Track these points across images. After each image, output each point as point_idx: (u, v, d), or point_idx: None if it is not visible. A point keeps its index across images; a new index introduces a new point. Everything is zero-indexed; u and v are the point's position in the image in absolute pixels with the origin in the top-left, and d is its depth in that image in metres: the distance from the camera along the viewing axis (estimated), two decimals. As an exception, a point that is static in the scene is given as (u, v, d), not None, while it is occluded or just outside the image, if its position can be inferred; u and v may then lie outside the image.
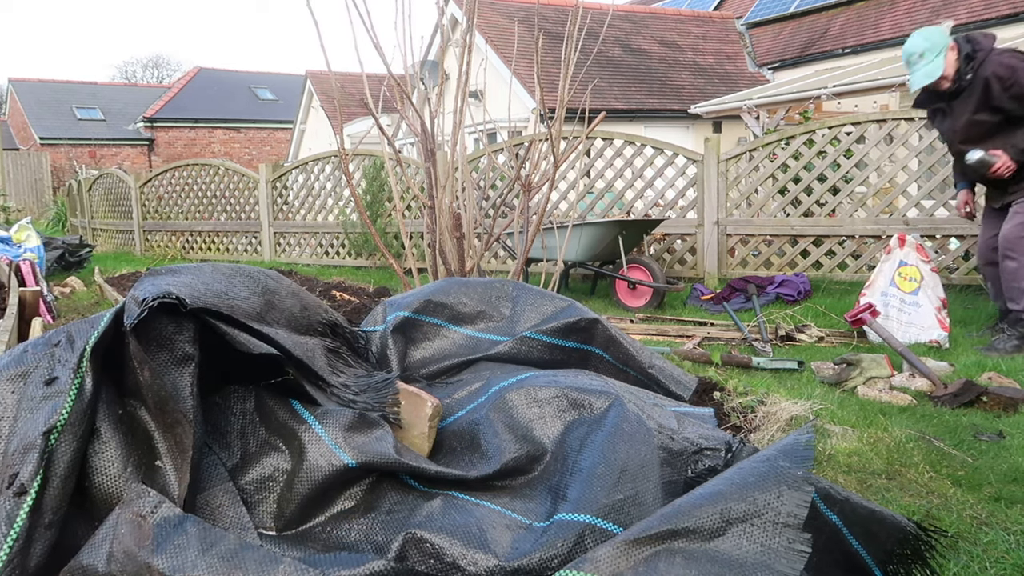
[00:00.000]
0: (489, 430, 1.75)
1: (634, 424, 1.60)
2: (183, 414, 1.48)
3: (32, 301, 4.12)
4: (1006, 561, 1.68)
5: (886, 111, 7.92)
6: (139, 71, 46.51)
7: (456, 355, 2.15)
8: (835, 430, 2.47)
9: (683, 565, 1.14)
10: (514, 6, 14.21)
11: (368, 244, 8.07)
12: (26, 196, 20.37)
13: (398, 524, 1.51)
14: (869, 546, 1.37)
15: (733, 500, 1.20)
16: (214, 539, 1.29)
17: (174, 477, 1.48)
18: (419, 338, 2.19)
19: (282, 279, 1.94)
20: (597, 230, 5.43)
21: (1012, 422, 2.65)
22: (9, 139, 27.27)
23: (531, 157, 3.63)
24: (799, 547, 1.14)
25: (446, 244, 3.38)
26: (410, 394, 1.81)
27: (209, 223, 9.79)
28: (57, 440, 1.39)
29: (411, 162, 7.42)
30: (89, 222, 12.26)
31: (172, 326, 1.54)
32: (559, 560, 1.33)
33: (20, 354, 1.59)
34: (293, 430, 1.62)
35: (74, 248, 8.24)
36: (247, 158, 27.62)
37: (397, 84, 3.27)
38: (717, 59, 15.19)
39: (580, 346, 2.20)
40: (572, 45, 3.29)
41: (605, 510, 1.41)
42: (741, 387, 2.87)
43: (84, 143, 26.60)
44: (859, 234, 5.98)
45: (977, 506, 1.95)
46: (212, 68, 30.24)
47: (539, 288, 2.32)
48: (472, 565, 1.36)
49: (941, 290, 4.12)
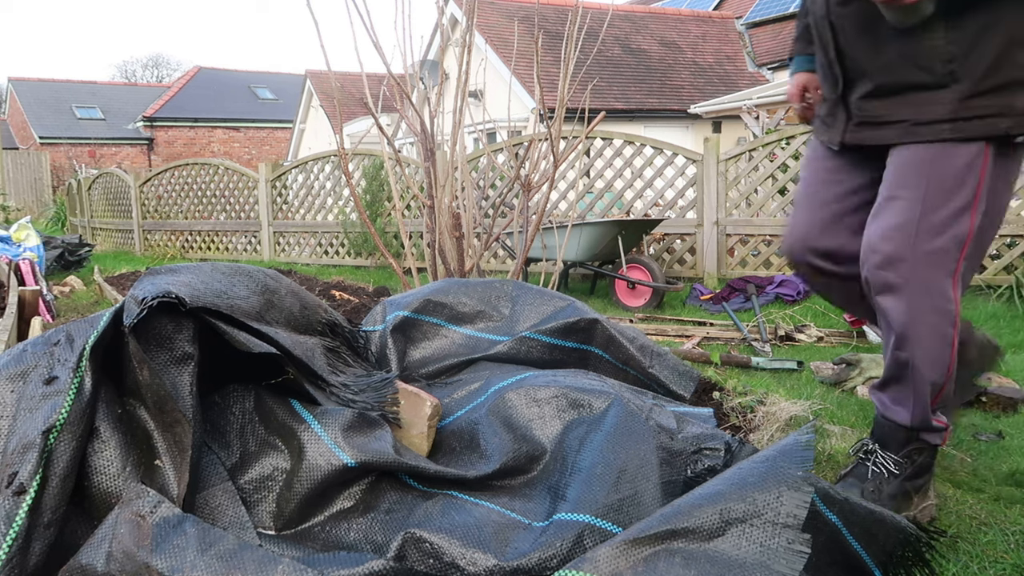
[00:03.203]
0: (488, 430, 1.75)
1: (633, 424, 1.60)
2: (182, 413, 1.48)
3: (31, 300, 4.12)
4: (1005, 561, 1.68)
5: (886, 111, 7.89)
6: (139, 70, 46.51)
7: (456, 355, 2.15)
8: (835, 430, 2.47)
9: (682, 565, 1.14)
10: (514, 6, 14.20)
11: (367, 244, 8.07)
12: (26, 195, 20.36)
13: (397, 523, 1.51)
14: (869, 546, 1.37)
15: (733, 500, 1.20)
16: (213, 539, 1.28)
17: (173, 476, 1.48)
18: (418, 338, 2.19)
19: (282, 278, 1.94)
20: (596, 230, 5.43)
21: (1011, 422, 2.65)
22: (9, 138, 27.26)
23: (531, 157, 3.63)
24: (798, 547, 1.14)
25: (445, 244, 3.37)
26: (409, 394, 1.81)
27: (208, 222, 9.79)
28: (56, 439, 1.39)
29: (411, 162, 7.41)
30: (89, 221, 12.26)
31: (171, 325, 1.54)
32: (558, 560, 1.33)
33: (19, 353, 1.59)
34: (292, 429, 1.62)
35: (73, 247, 8.23)
36: (247, 157, 27.62)
37: (397, 84, 3.27)
38: (717, 59, 15.19)
39: (580, 346, 2.20)
40: (572, 45, 3.29)
41: (604, 510, 1.41)
42: (740, 387, 2.87)
43: (84, 142, 26.61)
44: (859, 234, 5.98)
45: (976, 506, 1.95)
46: (212, 68, 30.25)
47: (539, 287, 2.32)
48: (471, 565, 1.36)
49: (940, 290, 4.12)
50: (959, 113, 1.73)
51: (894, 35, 1.77)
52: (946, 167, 1.75)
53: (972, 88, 1.72)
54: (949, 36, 1.71)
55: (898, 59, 1.78)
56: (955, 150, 1.75)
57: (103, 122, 27.48)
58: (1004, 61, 1.71)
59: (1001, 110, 1.72)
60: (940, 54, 1.72)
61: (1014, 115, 1.72)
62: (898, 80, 1.79)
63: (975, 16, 1.70)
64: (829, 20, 1.90)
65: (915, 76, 1.76)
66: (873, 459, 1.88)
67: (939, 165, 1.76)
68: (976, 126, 1.73)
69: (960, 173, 1.75)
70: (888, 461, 1.86)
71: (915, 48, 1.75)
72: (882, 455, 1.87)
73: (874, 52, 1.82)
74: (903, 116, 1.80)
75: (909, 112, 1.79)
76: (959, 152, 1.75)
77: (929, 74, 1.74)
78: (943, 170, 1.75)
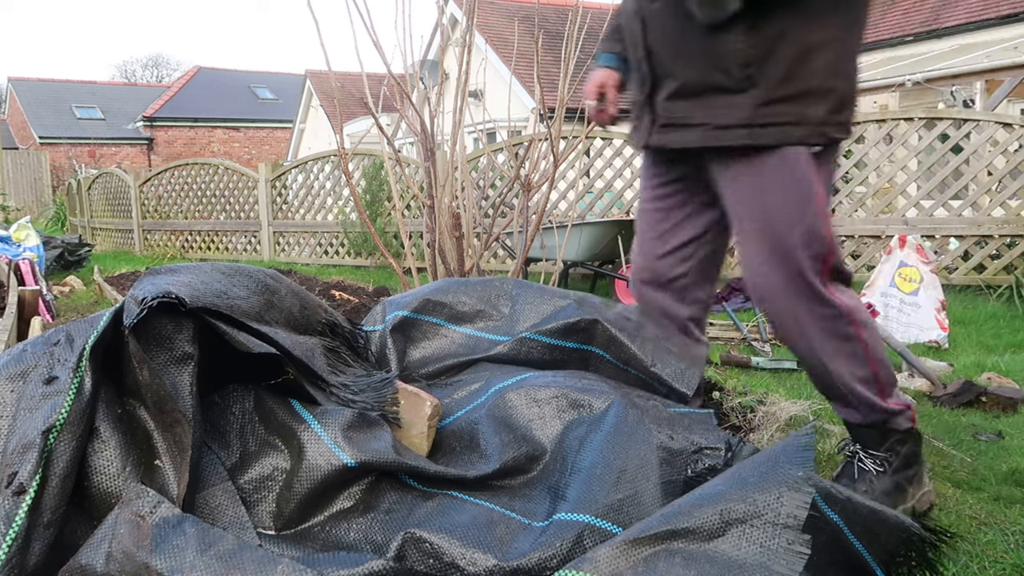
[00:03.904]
0: (488, 430, 1.75)
1: (633, 424, 1.60)
2: (182, 413, 1.47)
3: (31, 300, 4.12)
4: (1005, 561, 1.68)
5: (885, 111, 7.91)
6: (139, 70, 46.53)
7: (455, 354, 2.15)
8: (835, 430, 2.47)
9: (682, 565, 1.14)
10: (514, 6, 14.20)
11: (367, 243, 8.07)
12: (25, 195, 20.35)
13: (397, 523, 1.51)
14: (871, 546, 1.37)
15: (733, 501, 1.20)
16: (212, 539, 1.28)
17: (173, 476, 1.48)
18: (418, 337, 2.19)
19: (282, 278, 1.94)
20: (596, 230, 5.43)
21: (1011, 422, 2.65)
22: (9, 138, 27.26)
23: (531, 157, 3.63)
24: (798, 548, 1.14)
25: (445, 244, 3.37)
26: (409, 393, 1.81)
27: (208, 222, 9.79)
28: (56, 439, 1.38)
29: (410, 161, 7.41)
30: (88, 221, 12.25)
31: (171, 325, 1.54)
32: (558, 560, 1.33)
33: (19, 353, 1.59)
34: (292, 429, 1.62)
35: (73, 247, 8.23)
36: (246, 157, 27.62)
37: (397, 83, 3.27)
38: (717, 59, 15.17)
39: (580, 346, 2.19)
40: (572, 45, 3.29)
41: (604, 510, 1.41)
42: (740, 387, 2.87)
43: (83, 142, 26.60)
44: (858, 234, 5.98)
45: (976, 506, 1.95)
46: (212, 67, 30.25)
47: (539, 285, 2.32)
48: (471, 565, 1.36)
49: (940, 291, 4.13)
50: (755, 119, 1.71)
51: (699, 34, 1.73)
52: (784, 184, 1.73)
53: (768, 95, 1.69)
54: (748, 39, 1.68)
55: (701, 59, 1.74)
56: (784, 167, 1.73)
57: (103, 122, 27.47)
58: (799, 69, 1.68)
59: (796, 118, 1.70)
60: (738, 57, 1.69)
61: (808, 124, 1.70)
62: (700, 81, 1.76)
63: (773, 21, 1.67)
64: (640, 16, 1.85)
65: (715, 78, 1.73)
66: (858, 459, 1.88)
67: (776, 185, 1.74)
68: (772, 133, 1.71)
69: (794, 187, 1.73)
70: (873, 459, 1.86)
71: (716, 48, 1.71)
72: (864, 454, 1.87)
73: (679, 51, 1.78)
74: (703, 119, 1.77)
75: (709, 115, 1.76)
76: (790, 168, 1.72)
77: (728, 77, 1.71)
78: (782, 189, 1.73)
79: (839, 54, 1.71)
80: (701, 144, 1.79)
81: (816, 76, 1.69)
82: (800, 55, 1.68)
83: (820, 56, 1.69)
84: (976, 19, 10.77)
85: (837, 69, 1.71)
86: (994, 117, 5.71)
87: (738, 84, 1.71)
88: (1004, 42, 9.87)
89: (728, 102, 1.72)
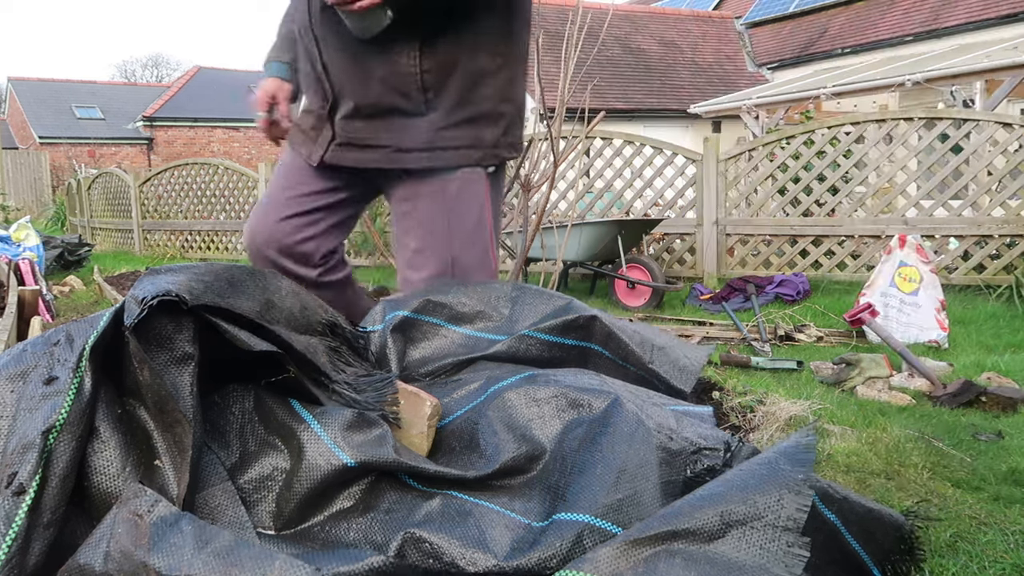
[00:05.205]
0: (488, 429, 1.75)
1: (633, 424, 1.60)
2: (182, 414, 1.47)
3: (31, 300, 4.12)
4: (1005, 561, 1.68)
5: (885, 111, 7.92)
6: (138, 70, 46.57)
7: (455, 354, 2.15)
8: (834, 430, 2.47)
9: (682, 566, 1.14)
10: (514, 5, 14.19)
11: (367, 243, 8.07)
12: (25, 195, 20.35)
13: (397, 523, 1.51)
14: (867, 545, 1.37)
15: (733, 502, 1.20)
16: (209, 536, 1.28)
17: (173, 477, 1.48)
18: (418, 338, 2.19)
19: (282, 278, 1.94)
20: (596, 230, 5.43)
21: (1011, 422, 2.65)
22: (8, 138, 27.26)
23: (530, 156, 3.63)
24: (798, 551, 1.14)
25: (445, 243, 3.37)
26: (409, 393, 1.81)
27: (208, 222, 9.79)
28: (56, 439, 1.38)
29: (410, 161, 7.41)
30: (88, 221, 12.25)
31: (172, 325, 1.54)
32: (558, 560, 1.33)
33: (19, 353, 1.59)
34: (292, 429, 1.62)
35: (73, 247, 8.23)
36: (246, 157, 27.60)
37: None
38: (716, 59, 15.19)
39: (579, 343, 2.19)
40: (572, 45, 3.29)
41: (604, 510, 1.41)
42: (740, 387, 2.87)
43: (83, 142, 26.59)
44: (858, 234, 5.98)
45: (976, 506, 1.95)
46: (212, 67, 30.25)
47: (538, 287, 2.32)
48: (471, 565, 1.36)
49: (940, 291, 4.13)
50: (435, 143, 1.77)
51: (373, 54, 1.73)
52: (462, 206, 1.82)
53: (445, 119, 1.75)
54: (421, 64, 1.72)
55: (378, 81, 1.76)
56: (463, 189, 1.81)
57: (103, 122, 27.46)
58: (471, 95, 1.75)
59: (472, 142, 1.78)
60: (414, 81, 1.73)
61: (483, 147, 1.79)
62: (379, 103, 1.78)
63: (445, 47, 1.71)
64: (312, 32, 1.81)
65: (395, 100, 1.76)
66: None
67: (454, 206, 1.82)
68: (452, 155, 1.78)
69: (472, 208, 1.82)
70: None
71: (393, 71, 1.73)
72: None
73: (355, 70, 1.78)
74: (386, 141, 1.80)
75: (391, 138, 1.79)
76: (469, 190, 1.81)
77: (408, 100, 1.75)
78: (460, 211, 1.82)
79: (507, 81, 1.79)
80: (383, 165, 1.82)
81: (488, 101, 1.77)
82: (470, 82, 1.75)
83: (490, 83, 1.76)
84: (976, 19, 10.79)
85: (506, 95, 1.80)
86: (994, 117, 5.72)
87: (417, 108, 1.76)
88: (1004, 42, 9.88)
89: (409, 125, 1.77)
